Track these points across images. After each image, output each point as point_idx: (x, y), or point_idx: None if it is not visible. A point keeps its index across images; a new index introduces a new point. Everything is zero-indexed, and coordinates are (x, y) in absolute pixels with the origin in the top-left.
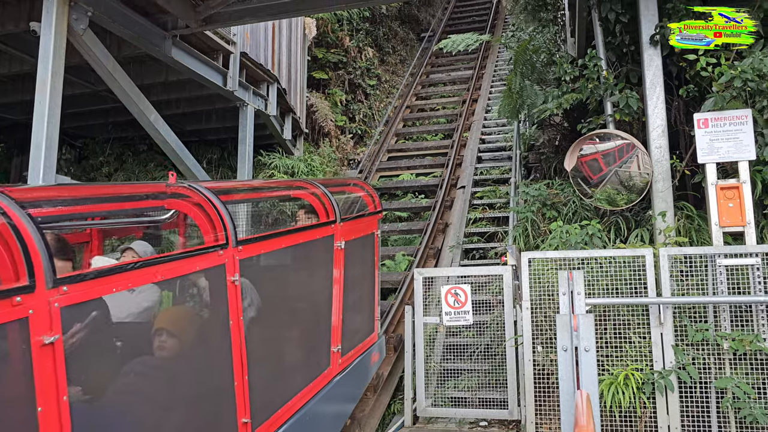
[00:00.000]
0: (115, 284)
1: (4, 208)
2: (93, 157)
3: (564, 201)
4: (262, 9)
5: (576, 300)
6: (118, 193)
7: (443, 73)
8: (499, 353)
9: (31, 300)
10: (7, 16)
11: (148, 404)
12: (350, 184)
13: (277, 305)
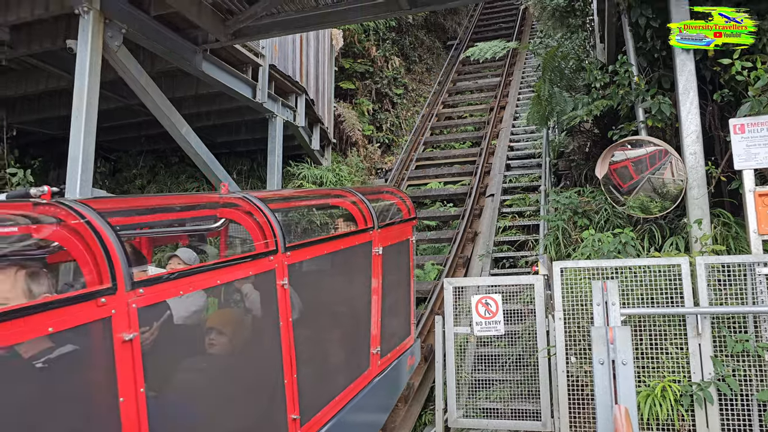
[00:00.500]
0: (181, 287)
1: (87, 217)
2: (126, 170)
3: (595, 209)
4: (289, 22)
5: (611, 311)
6: (176, 203)
7: (470, 80)
8: (532, 363)
9: (113, 301)
10: (44, 35)
11: (209, 398)
12: (385, 192)
13: (321, 308)
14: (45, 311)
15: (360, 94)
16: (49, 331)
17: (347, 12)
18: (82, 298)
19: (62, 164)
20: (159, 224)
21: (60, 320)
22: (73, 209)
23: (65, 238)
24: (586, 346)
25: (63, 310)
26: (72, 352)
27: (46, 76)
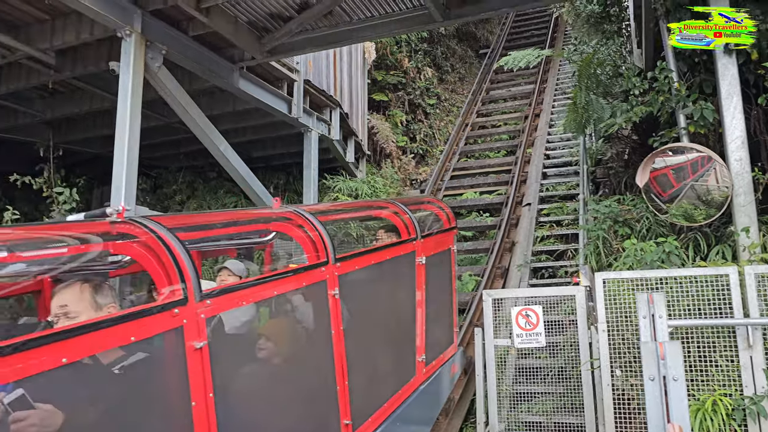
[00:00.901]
0: (243, 298)
1: (158, 233)
2: (167, 186)
3: (637, 217)
4: (323, 38)
5: (658, 324)
6: (234, 218)
7: (503, 89)
8: (574, 376)
9: (184, 311)
10: (88, 58)
11: (269, 402)
12: (425, 202)
13: (369, 317)
14: (128, 321)
15: (393, 106)
16: (132, 340)
17: (380, 26)
18: (159, 309)
19: (105, 182)
20: (216, 238)
21: (140, 330)
22: (147, 227)
23: (139, 253)
24: (631, 358)
25: (142, 321)
26: (151, 360)
27: (89, 97)
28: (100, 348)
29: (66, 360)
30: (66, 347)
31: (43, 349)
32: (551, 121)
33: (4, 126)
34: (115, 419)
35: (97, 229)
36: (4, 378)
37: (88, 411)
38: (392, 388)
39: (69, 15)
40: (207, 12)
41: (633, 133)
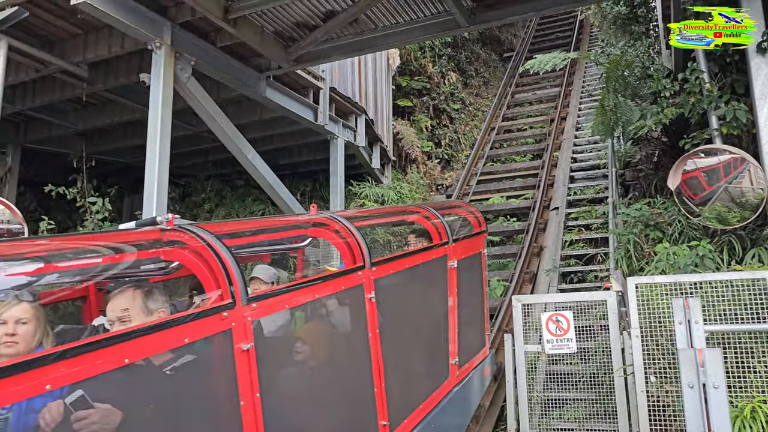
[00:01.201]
0: (286, 301)
1: (207, 240)
2: (195, 195)
3: (668, 221)
4: (348, 45)
5: (694, 330)
6: (274, 225)
7: (529, 92)
8: (607, 382)
9: (233, 315)
10: (119, 70)
11: (312, 402)
12: (455, 206)
13: (403, 319)
14: (182, 324)
15: (418, 111)
16: (185, 342)
17: (405, 33)
18: (209, 313)
19: (135, 190)
20: (258, 244)
21: (193, 332)
22: (196, 234)
23: (189, 259)
24: (666, 364)
25: (195, 324)
26: (203, 360)
27: (120, 108)
28: (157, 349)
29: (128, 360)
30: (128, 348)
31: (108, 349)
32: (578, 124)
33: (39, 138)
34: (170, 417)
35: (148, 237)
36: (76, 377)
37: (145, 410)
38: (427, 390)
39: (101, 29)
40: (234, 23)
41: (663, 135)
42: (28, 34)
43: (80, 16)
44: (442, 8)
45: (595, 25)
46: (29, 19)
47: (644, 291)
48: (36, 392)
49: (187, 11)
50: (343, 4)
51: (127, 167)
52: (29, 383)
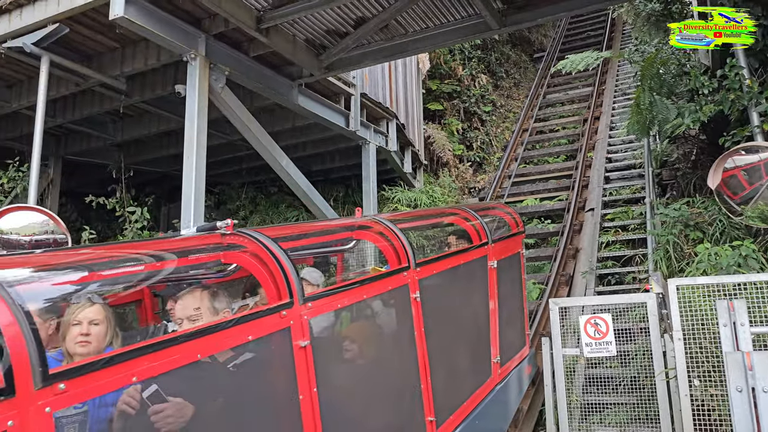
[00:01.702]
0: (338, 301)
1: (265, 243)
2: (230, 202)
3: (709, 220)
4: (379, 51)
5: (740, 332)
6: (323, 228)
7: (560, 92)
8: (648, 386)
9: (291, 313)
10: (156, 82)
11: (364, 397)
12: (493, 207)
13: (447, 318)
14: (247, 322)
15: (448, 114)
16: (249, 339)
17: (435, 37)
18: (270, 312)
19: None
20: (308, 247)
21: (256, 330)
22: (255, 238)
23: (248, 262)
24: (710, 368)
25: (257, 322)
26: (265, 356)
27: (156, 119)
28: (225, 345)
29: (200, 356)
30: (200, 345)
31: (183, 345)
32: (612, 124)
33: (79, 150)
34: (237, 410)
35: (210, 241)
36: (157, 370)
37: (215, 402)
38: (471, 387)
39: (138, 42)
40: (266, 32)
41: (701, 133)
42: (68, 50)
43: (118, 30)
44: (472, 11)
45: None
46: (69, 35)
47: (686, 293)
48: (125, 383)
49: (221, 22)
50: (373, 11)
51: (163, 176)
52: (121, 374)
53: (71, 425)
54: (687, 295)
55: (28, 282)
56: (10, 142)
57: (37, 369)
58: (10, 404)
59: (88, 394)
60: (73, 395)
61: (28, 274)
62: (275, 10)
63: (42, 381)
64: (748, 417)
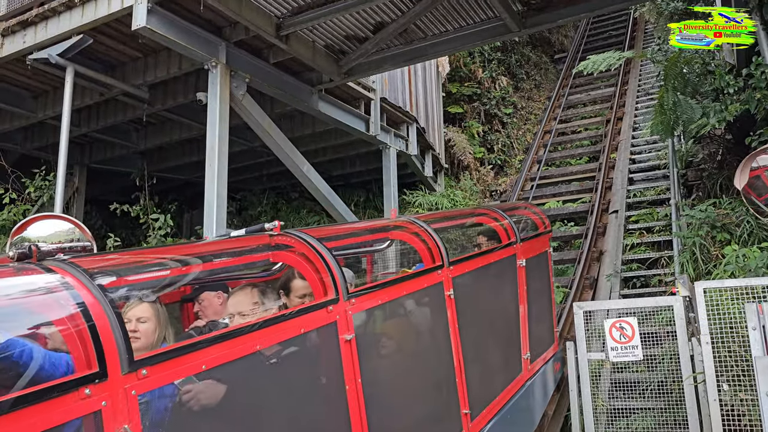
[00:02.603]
0: (380, 297)
1: (311, 243)
2: (251, 208)
3: (736, 222)
4: (399, 56)
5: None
6: (361, 229)
7: (582, 93)
8: (676, 390)
9: (337, 308)
10: (177, 90)
11: (404, 390)
12: (520, 207)
13: (478, 315)
14: (299, 316)
15: (469, 117)
16: (301, 332)
17: (455, 40)
18: (318, 307)
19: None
20: (347, 247)
21: (307, 323)
22: (301, 238)
23: (296, 261)
24: (739, 372)
25: (309, 316)
26: (314, 349)
27: (179, 127)
28: (281, 338)
29: (259, 347)
30: (259, 336)
31: (245, 337)
32: (635, 124)
33: (103, 158)
34: (290, 397)
35: (260, 242)
36: (223, 359)
37: (272, 390)
38: (503, 382)
39: (159, 52)
40: (286, 39)
41: (727, 132)
42: (92, 60)
43: (141, 40)
44: (492, 14)
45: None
46: (93, 46)
47: (713, 296)
48: (195, 371)
49: (241, 30)
50: (392, 15)
51: (186, 183)
52: (193, 363)
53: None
54: (714, 298)
55: (111, 277)
56: (37, 152)
57: (124, 356)
58: (103, 387)
59: (166, 379)
60: (153, 380)
61: (108, 270)
62: (294, 17)
63: (128, 366)
64: None
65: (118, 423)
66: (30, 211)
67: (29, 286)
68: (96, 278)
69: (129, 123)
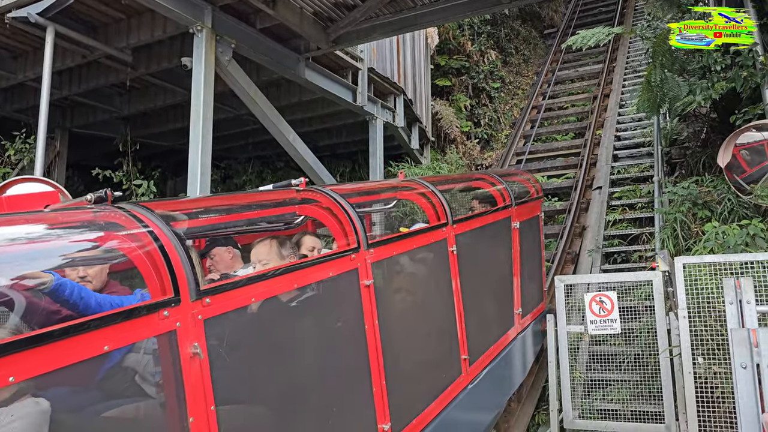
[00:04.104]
0: (394, 249)
1: (336, 198)
2: (237, 177)
3: (717, 199)
4: (388, 25)
5: (746, 310)
6: (375, 187)
7: (570, 69)
8: (651, 363)
9: (358, 257)
10: (162, 54)
11: (413, 334)
12: (516, 174)
13: (477, 271)
14: (326, 262)
15: (456, 91)
16: (330, 275)
17: (445, 10)
18: (342, 254)
19: (177, 173)
20: (361, 204)
21: (335, 268)
22: (326, 193)
23: (321, 214)
24: (714, 346)
25: (335, 262)
26: (341, 290)
27: (163, 92)
28: (314, 279)
29: (296, 285)
30: (297, 276)
31: (287, 276)
32: (622, 101)
33: (85, 122)
34: (323, 326)
35: (287, 196)
36: (274, 292)
37: (307, 321)
38: (497, 334)
39: (143, 14)
40: (273, 4)
41: (712, 111)
42: (73, 20)
43: (124, 1)
44: None
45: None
46: (74, 6)
47: (692, 271)
48: (246, 303)
49: None
50: None
51: (170, 150)
52: (245, 295)
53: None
54: (693, 273)
55: (177, 219)
56: (17, 114)
57: (193, 286)
58: (177, 310)
59: (224, 308)
60: (214, 308)
61: (173, 213)
62: None
63: (196, 295)
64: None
65: (189, 341)
66: (10, 174)
67: (112, 227)
68: (166, 219)
69: (112, 87)
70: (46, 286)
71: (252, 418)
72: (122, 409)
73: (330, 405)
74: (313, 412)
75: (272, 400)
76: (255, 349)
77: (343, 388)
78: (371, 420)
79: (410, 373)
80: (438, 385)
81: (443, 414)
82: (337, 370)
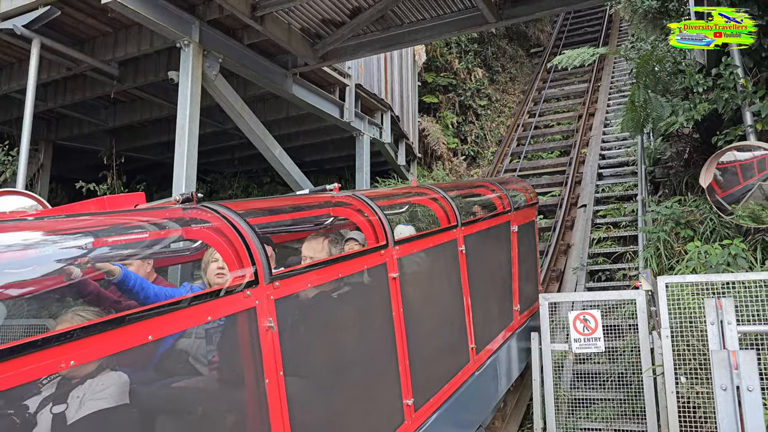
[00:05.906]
0: (414, 248)
1: (367, 202)
2: (222, 191)
3: (700, 219)
4: (375, 42)
5: (727, 331)
6: (393, 193)
7: (556, 88)
8: (635, 382)
9: (386, 253)
10: (148, 68)
11: (431, 323)
12: (513, 182)
13: (482, 270)
14: (363, 256)
15: (443, 108)
16: (365, 267)
17: (431, 29)
18: (373, 250)
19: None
20: (383, 208)
21: (368, 262)
22: (358, 197)
23: (353, 215)
24: (696, 365)
25: (368, 257)
26: (373, 281)
27: (149, 105)
28: (353, 271)
29: (341, 274)
30: (341, 267)
31: (332, 267)
32: (606, 120)
33: (70, 135)
34: (360, 311)
35: (323, 199)
36: (320, 281)
37: (347, 307)
38: (498, 328)
39: (130, 27)
40: (261, 20)
41: (694, 131)
42: (60, 33)
43: (110, 14)
44: (469, 4)
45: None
46: (61, 18)
47: (675, 290)
48: (303, 288)
49: (215, 9)
50: (369, 0)
51: (155, 164)
52: (304, 282)
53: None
54: (676, 292)
55: (251, 216)
56: (1, 126)
57: (267, 271)
58: (256, 291)
59: (289, 291)
60: (282, 290)
61: (247, 212)
62: None
63: (269, 278)
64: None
65: (265, 317)
66: None
67: (202, 223)
68: (243, 216)
69: (98, 100)
70: (116, 277)
71: (308, 385)
72: (214, 369)
73: (366, 378)
74: (354, 384)
75: (323, 370)
76: (310, 326)
77: (376, 365)
78: (398, 395)
79: (428, 357)
80: (451, 370)
81: (454, 396)
82: (371, 349)
